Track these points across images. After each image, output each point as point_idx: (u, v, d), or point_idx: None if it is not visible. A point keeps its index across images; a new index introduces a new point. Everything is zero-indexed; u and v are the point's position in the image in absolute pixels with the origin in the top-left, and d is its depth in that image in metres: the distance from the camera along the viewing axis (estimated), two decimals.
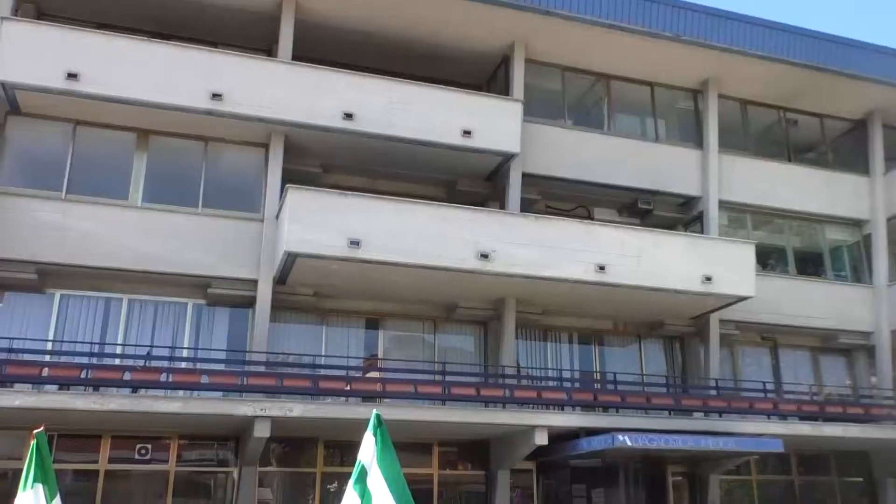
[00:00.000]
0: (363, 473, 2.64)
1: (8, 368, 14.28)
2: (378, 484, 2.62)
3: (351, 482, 2.63)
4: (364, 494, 2.61)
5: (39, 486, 2.34)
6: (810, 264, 23.79)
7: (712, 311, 20.44)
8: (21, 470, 14.24)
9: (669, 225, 21.54)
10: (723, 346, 21.23)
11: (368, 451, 2.67)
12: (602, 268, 17.90)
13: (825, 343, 22.94)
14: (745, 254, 19.73)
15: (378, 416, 2.72)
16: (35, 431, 2.31)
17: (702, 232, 21.22)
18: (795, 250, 23.56)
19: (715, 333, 20.79)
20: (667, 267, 18.55)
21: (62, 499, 2.22)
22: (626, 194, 21.27)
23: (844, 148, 24.91)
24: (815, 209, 23.23)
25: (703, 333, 21.01)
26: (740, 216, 22.72)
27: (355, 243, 16.11)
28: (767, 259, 22.87)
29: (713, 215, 21.40)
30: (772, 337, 22.53)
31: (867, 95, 23.32)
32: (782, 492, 21.47)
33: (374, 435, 2.69)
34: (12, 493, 2.22)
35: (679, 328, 21.21)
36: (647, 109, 22.53)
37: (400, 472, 2.67)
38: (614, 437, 15.91)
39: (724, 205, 21.85)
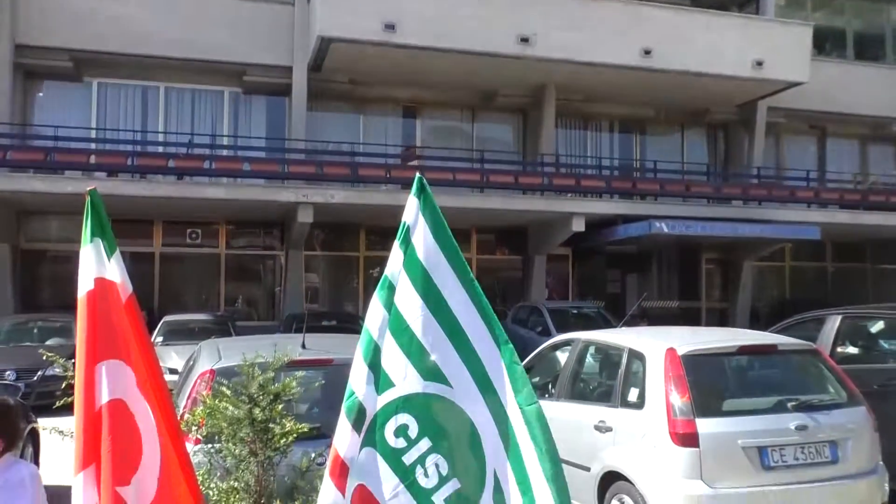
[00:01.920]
0: (408, 232, 2.66)
1: (57, 156, 14.63)
2: (421, 240, 2.64)
3: (397, 242, 2.65)
4: (407, 251, 2.63)
5: (99, 241, 2.42)
6: (870, 48, 22.48)
7: (761, 98, 19.74)
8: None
9: (721, 6, 20.18)
10: (768, 135, 20.73)
11: (412, 211, 2.66)
12: (648, 52, 17.13)
13: (876, 132, 22.24)
14: (801, 37, 18.64)
15: (421, 180, 2.69)
16: (88, 189, 2.36)
17: (756, 13, 19.93)
18: (855, 33, 22.19)
19: (761, 121, 20.21)
20: (716, 51, 17.67)
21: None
22: None
23: None
24: None
25: (748, 122, 20.44)
26: None
27: (390, 27, 15.51)
28: (824, 43, 21.61)
29: None
30: (821, 125, 21.88)
31: None
32: (814, 277, 21.90)
33: (417, 197, 2.67)
34: (75, 274, 2.31)
35: (724, 116, 20.64)
36: None
37: (447, 228, 2.68)
38: (651, 223, 16.07)
39: None
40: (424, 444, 2.51)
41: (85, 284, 2.53)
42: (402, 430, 2.52)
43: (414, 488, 2.51)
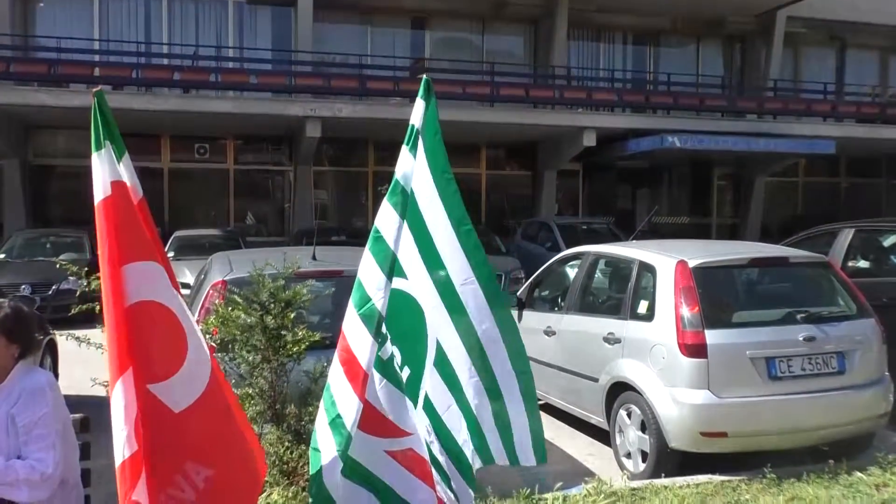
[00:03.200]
0: (416, 136, 2.64)
1: (61, 68, 14.39)
2: (419, 147, 2.64)
3: (405, 146, 2.64)
4: (416, 155, 2.64)
5: (109, 144, 2.38)
6: None
7: (780, 7, 19.08)
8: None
9: None
10: (786, 47, 20.14)
11: (418, 114, 2.65)
12: None
13: None
14: None
15: (427, 82, 2.65)
16: (94, 90, 2.30)
17: None
18: None
19: (780, 31, 19.59)
20: None
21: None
22: None
23: None
24: None
25: (767, 32, 19.82)
26: None
27: None
28: None
29: None
30: (840, 36, 21.22)
31: None
32: (828, 193, 21.68)
33: (424, 100, 2.65)
34: (88, 188, 2.29)
35: (742, 27, 20.01)
36: None
37: (438, 134, 2.68)
38: (663, 137, 15.81)
39: None
40: (389, 336, 2.62)
41: (102, 189, 2.47)
42: None
43: (393, 380, 2.64)
